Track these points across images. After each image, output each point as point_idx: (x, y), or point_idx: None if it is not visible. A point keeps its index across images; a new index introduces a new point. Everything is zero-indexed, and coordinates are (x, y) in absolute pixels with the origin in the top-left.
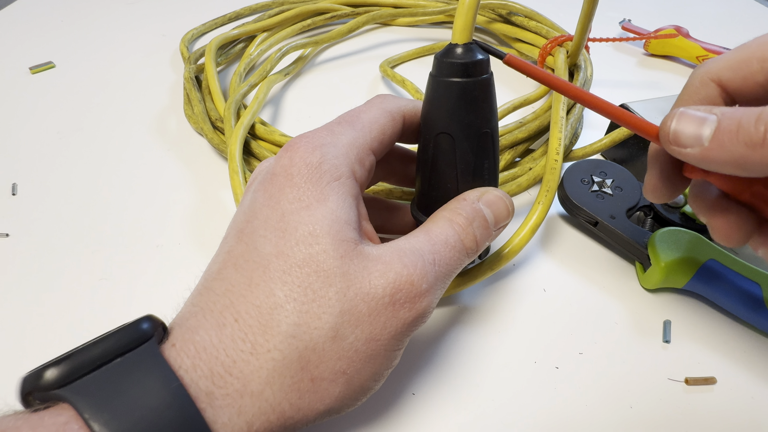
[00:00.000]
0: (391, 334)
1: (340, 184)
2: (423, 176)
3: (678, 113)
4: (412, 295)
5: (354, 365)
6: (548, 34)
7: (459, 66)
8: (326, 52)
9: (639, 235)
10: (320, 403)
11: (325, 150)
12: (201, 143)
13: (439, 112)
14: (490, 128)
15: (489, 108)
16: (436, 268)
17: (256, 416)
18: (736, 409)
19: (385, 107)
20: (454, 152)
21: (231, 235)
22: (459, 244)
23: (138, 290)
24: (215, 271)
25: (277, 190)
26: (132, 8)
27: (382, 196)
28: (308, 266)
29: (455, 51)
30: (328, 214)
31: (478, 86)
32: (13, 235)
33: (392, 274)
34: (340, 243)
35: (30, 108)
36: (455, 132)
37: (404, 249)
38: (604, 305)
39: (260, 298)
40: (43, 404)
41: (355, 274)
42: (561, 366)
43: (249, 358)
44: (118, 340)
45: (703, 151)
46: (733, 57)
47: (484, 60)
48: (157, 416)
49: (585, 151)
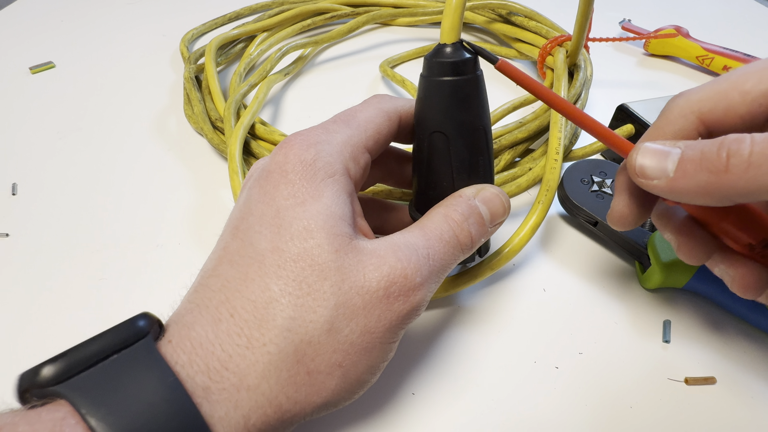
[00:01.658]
0: (385, 326)
1: (334, 180)
2: (419, 175)
3: (642, 148)
4: (407, 288)
5: (350, 358)
6: (548, 34)
7: (449, 65)
8: (326, 52)
9: (639, 235)
10: (317, 396)
11: (320, 147)
12: (201, 143)
13: (432, 111)
14: (482, 125)
15: (480, 105)
16: (430, 262)
17: (253, 410)
18: (736, 409)
19: (381, 106)
20: (449, 150)
21: (227, 232)
22: (454, 239)
23: (138, 290)
24: (211, 268)
25: (272, 187)
26: (132, 8)
27: (381, 197)
28: (303, 260)
29: (444, 51)
30: (323, 210)
31: (468, 84)
32: (13, 235)
33: (386, 267)
34: (334, 237)
35: (30, 108)
36: (449, 130)
37: (399, 243)
38: (604, 305)
39: (255, 292)
40: (40, 401)
41: (349, 267)
42: (561, 366)
43: (245, 352)
44: (114, 337)
45: (669, 182)
46: (714, 88)
47: (473, 58)
48: (154, 411)
49: (585, 151)
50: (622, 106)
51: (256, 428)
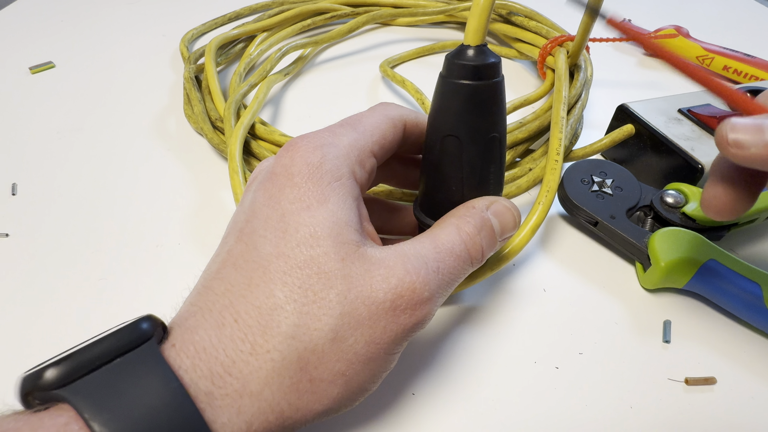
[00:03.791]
0: (390, 338)
1: (341, 184)
2: (428, 177)
3: (732, 121)
4: (414, 302)
5: (353, 367)
6: (548, 34)
7: (470, 68)
8: (326, 52)
9: (639, 235)
10: (318, 404)
11: (326, 150)
12: (201, 143)
13: (448, 114)
14: (498, 132)
15: (498, 112)
16: (440, 276)
17: (255, 416)
18: (736, 409)
19: (387, 113)
20: (461, 155)
21: (230, 235)
22: (465, 253)
23: (138, 290)
24: (214, 271)
25: (278, 190)
26: (132, 8)
27: (382, 197)
28: (309, 268)
29: (466, 53)
30: (329, 216)
31: (488, 90)
32: (13, 235)
33: (395, 279)
34: (341, 245)
35: (30, 108)
36: (463, 135)
37: (408, 254)
38: (604, 305)
39: (260, 298)
40: (43, 404)
41: (356, 276)
42: (561, 366)
43: (248, 358)
44: (118, 340)
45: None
46: None
47: (496, 63)
48: (157, 416)
49: (585, 151)
50: (622, 106)
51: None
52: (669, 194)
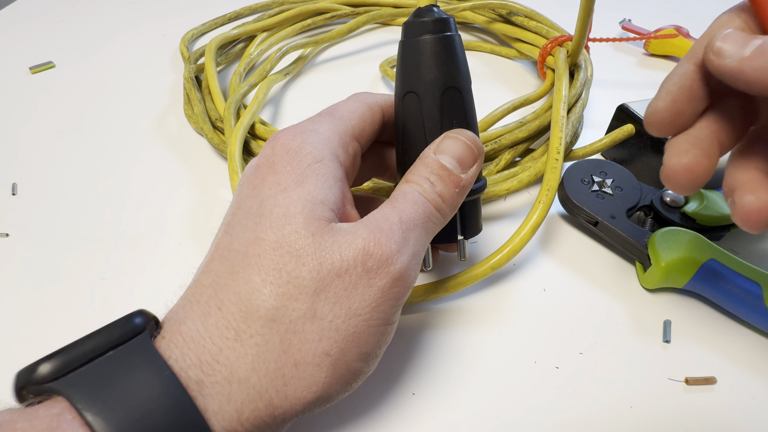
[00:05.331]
0: (371, 306)
1: (322, 165)
2: (397, 143)
3: (726, 31)
4: (384, 258)
5: (337, 345)
6: (548, 34)
7: (418, 24)
8: (326, 52)
9: (639, 235)
10: (307, 391)
11: (306, 136)
12: (201, 143)
13: (405, 72)
14: (457, 86)
15: (454, 65)
16: (403, 226)
17: (245, 404)
18: (736, 409)
19: (362, 99)
20: (421, 112)
21: (219, 230)
22: (420, 198)
23: (137, 290)
24: (203, 265)
25: (260, 180)
26: (132, 8)
27: (382, 195)
28: (281, 248)
29: (417, 13)
30: (304, 195)
31: (439, 43)
32: (13, 235)
33: (360, 240)
34: (311, 221)
35: (30, 108)
36: (420, 90)
37: (370, 218)
38: (604, 305)
39: (240, 284)
40: (37, 398)
41: (326, 250)
42: (561, 366)
43: (234, 344)
44: (110, 334)
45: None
46: None
47: (446, 18)
48: (150, 405)
49: (585, 150)
50: (622, 106)
51: (249, 423)
52: (669, 194)
